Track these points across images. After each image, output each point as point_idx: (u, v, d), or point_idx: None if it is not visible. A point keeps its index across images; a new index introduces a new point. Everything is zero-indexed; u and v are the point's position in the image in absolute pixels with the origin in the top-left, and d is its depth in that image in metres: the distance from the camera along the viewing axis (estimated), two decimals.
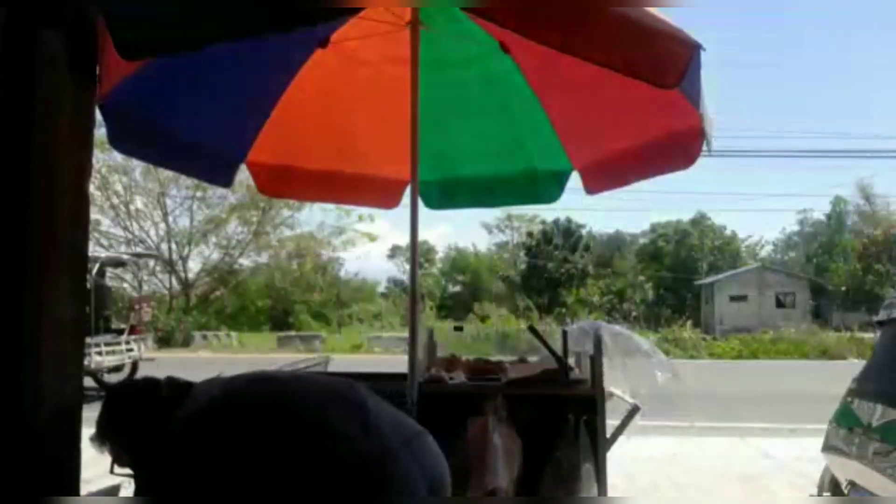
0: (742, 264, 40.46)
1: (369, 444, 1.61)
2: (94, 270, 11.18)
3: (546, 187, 3.74)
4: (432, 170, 3.59)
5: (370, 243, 29.96)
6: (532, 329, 3.21)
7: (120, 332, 11.68)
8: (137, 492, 1.63)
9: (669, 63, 1.76)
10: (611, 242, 43.93)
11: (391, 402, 1.84)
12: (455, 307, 33.76)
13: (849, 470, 3.31)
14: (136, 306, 12.81)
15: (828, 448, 3.54)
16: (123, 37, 1.50)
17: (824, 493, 3.77)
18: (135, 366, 11.24)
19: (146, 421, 1.66)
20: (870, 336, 19.69)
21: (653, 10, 1.81)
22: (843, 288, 35.67)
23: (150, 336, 16.69)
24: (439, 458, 1.80)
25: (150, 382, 1.77)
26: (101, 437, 1.69)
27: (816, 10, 54.16)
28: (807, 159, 60.01)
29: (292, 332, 23.42)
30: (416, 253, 3.18)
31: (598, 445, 2.81)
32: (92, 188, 1.82)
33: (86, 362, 3.04)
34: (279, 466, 1.54)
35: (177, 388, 1.74)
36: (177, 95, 2.59)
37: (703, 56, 1.84)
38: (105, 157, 19.04)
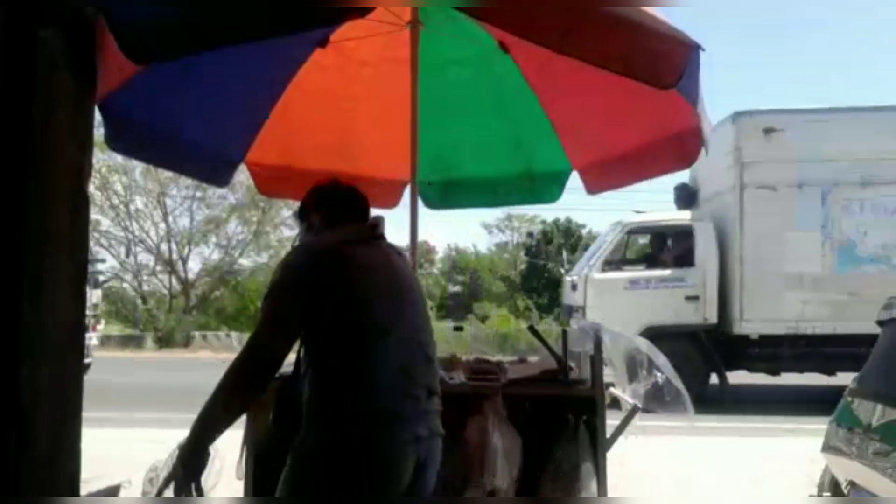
0: None
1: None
2: None
3: (546, 187, 3.74)
4: (432, 170, 3.59)
5: None
6: (532, 329, 3.22)
7: None
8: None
9: (667, 63, 1.76)
10: None
11: None
12: (455, 307, 33.71)
13: (849, 470, 3.31)
14: None
15: (828, 448, 3.54)
16: (128, 42, 1.50)
17: (824, 493, 3.77)
18: None
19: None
20: None
21: (651, 11, 1.81)
22: None
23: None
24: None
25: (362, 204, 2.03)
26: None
27: (816, 10, 54.28)
28: None
29: None
30: (416, 253, 3.18)
31: (598, 445, 2.81)
32: (92, 188, 1.82)
33: None
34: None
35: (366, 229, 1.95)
36: (175, 95, 2.59)
37: (703, 56, 1.85)
38: (105, 158, 19.00)
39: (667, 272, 9.17)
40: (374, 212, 2.13)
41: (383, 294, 1.83)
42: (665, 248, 9.75)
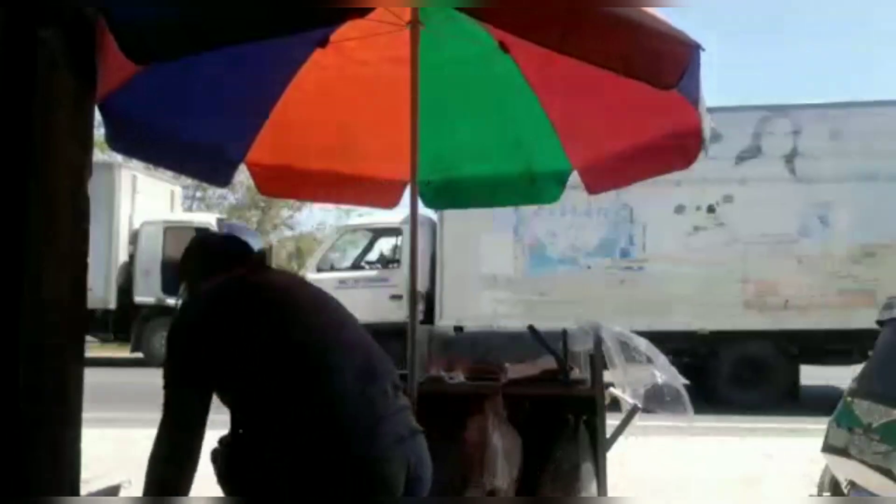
0: None
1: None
2: None
3: (546, 187, 3.74)
4: (432, 170, 3.59)
5: None
6: (532, 329, 3.21)
7: None
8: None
9: (668, 63, 1.76)
10: None
11: None
12: None
13: (849, 470, 3.31)
14: None
15: (828, 448, 3.54)
16: (128, 42, 1.50)
17: (824, 493, 3.77)
18: None
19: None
20: None
21: (651, 11, 1.81)
22: None
23: None
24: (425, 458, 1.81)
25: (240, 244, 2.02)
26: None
27: (816, 11, 54.32)
28: None
29: None
30: (416, 252, 3.19)
31: (598, 445, 2.82)
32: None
33: None
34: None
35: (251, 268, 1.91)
36: (176, 95, 2.59)
37: (703, 56, 1.85)
38: (105, 158, 19.01)
39: (373, 273, 9.86)
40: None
41: (306, 310, 1.80)
42: (379, 249, 10.58)
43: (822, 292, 8.84)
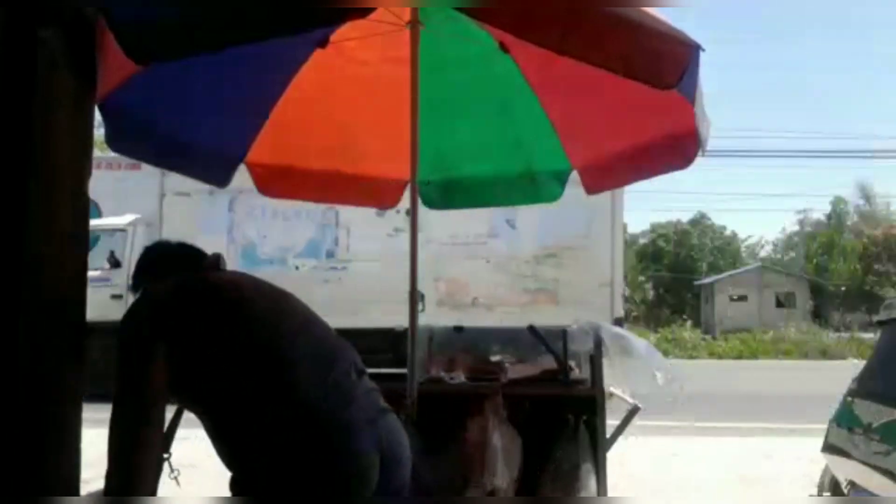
0: (742, 264, 40.64)
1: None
2: None
3: (547, 186, 3.74)
4: (432, 170, 3.59)
5: None
6: (532, 329, 3.22)
7: None
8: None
9: (668, 64, 1.76)
10: None
11: (389, 403, 1.86)
12: None
13: (849, 470, 3.32)
14: None
15: (828, 448, 3.54)
16: (128, 41, 1.49)
17: (824, 493, 3.77)
18: None
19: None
20: (870, 336, 19.72)
21: (651, 11, 1.81)
22: (843, 288, 35.78)
23: None
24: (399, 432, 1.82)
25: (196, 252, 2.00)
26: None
27: (816, 11, 54.30)
28: (807, 159, 60.25)
29: None
30: (416, 252, 3.19)
31: (598, 445, 2.82)
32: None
33: None
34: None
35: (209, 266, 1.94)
36: (176, 95, 2.59)
37: (703, 56, 1.85)
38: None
39: (97, 272, 9.79)
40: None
41: (271, 307, 1.81)
42: (107, 250, 10.73)
43: (508, 291, 9.47)
